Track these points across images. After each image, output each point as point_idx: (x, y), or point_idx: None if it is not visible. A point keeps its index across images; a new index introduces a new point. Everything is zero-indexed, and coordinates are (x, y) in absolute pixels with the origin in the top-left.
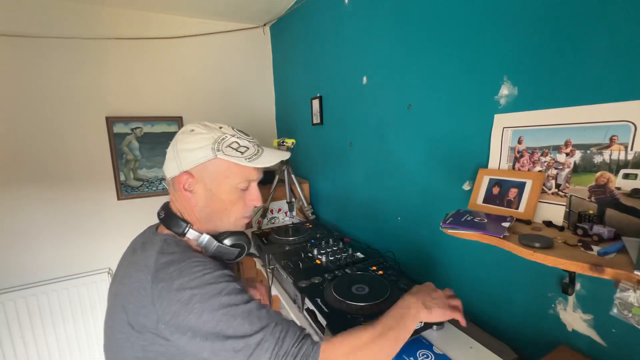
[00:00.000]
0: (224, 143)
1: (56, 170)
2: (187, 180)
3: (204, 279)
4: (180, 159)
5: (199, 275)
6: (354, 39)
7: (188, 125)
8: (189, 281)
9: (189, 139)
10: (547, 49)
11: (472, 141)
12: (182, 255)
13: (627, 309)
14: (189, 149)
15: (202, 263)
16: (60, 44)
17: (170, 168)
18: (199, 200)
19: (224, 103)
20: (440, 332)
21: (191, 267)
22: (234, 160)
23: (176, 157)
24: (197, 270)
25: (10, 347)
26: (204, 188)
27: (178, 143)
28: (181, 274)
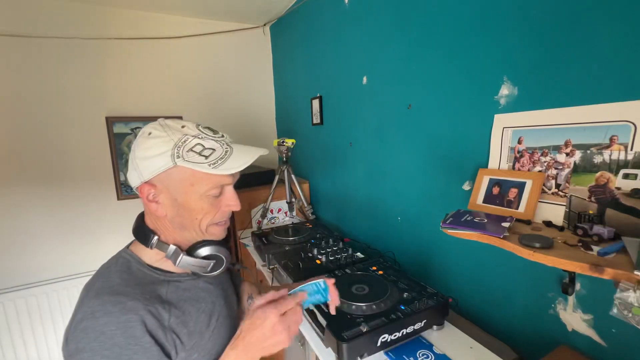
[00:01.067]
0: (184, 147)
1: (56, 170)
2: (150, 190)
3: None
4: (140, 168)
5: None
6: (354, 39)
7: (147, 127)
8: (87, 340)
9: (146, 144)
10: (547, 49)
11: (472, 141)
12: (115, 282)
13: (627, 309)
14: (146, 157)
15: (111, 313)
16: (60, 44)
17: (131, 177)
18: (166, 210)
19: (224, 103)
20: (440, 332)
21: (101, 314)
22: (196, 168)
23: (134, 165)
24: (100, 324)
25: (10, 347)
26: (169, 198)
27: (136, 149)
28: (92, 316)
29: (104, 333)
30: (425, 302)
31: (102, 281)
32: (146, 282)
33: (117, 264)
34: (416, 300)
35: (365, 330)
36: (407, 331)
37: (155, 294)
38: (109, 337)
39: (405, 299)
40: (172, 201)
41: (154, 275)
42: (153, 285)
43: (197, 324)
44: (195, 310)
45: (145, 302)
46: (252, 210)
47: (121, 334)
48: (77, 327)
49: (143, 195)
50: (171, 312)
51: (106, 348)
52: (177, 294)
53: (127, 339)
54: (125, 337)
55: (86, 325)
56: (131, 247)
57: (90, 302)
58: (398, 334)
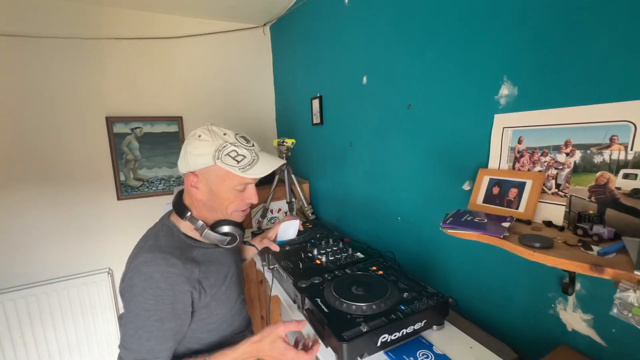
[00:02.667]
0: (223, 152)
1: (56, 170)
2: (193, 179)
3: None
4: (188, 161)
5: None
6: (354, 39)
7: (197, 130)
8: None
9: (195, 144)
10: (547, 49)
11: (472, 141)
12: (164, 242)
13: (627, 309)
14: (195, 154)
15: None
16: (60, 44)
17: (181, 166)
18: (202, 195)
19: (224, 103)
20: (440, 332)
21: (152, 264)
22: (230, 170)
23: (185, 158)
24: (151, 271)
25: (10, 347)
26: (206, 186)
27: (188, 146)
28: (145, 265)
29: (152, 277)
30: (425, 302)
31: (153, 240)
32: (183, 246)
33: (162, 229)
34: (416, 300)
35: (365, 330)
36: (407, 331)
37: (190, 255)
38: (155, 281)
39: (405, 299)
40: (208, 189)
41: (188, 241)
42: (188, 249)
43: (217, 279)
44: (215, 269)
45: (183, 260)
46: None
47: (164, 280)
48: (134, 270)
49: (188, 181)
50: (200, 268)
51: (151, 287)
52: (204, 257)
53: (167, 284)
54: (166, 283)
55: (140, 269)
56: (171, 217)
57: (145, 254)
58: (398, 334)
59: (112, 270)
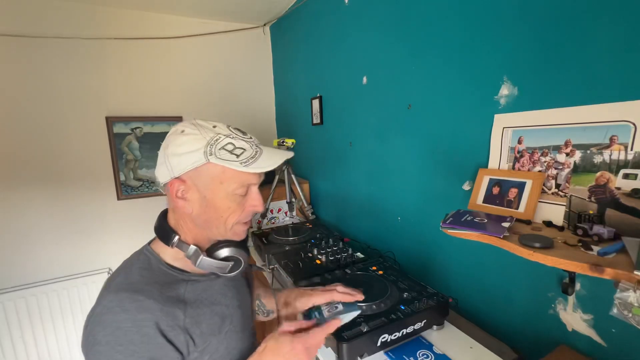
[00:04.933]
0: (217, 145)
1: (56, 170)
2: (179, 186)
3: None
4: (171, 164)
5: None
6: (354, 39)
7: (179, 125)
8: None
9: (179, 141)
10: (547, 49)
11: (472, 141)
12: (136, 279)
13: (627, 309)
14: (179, 153)
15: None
16: (60, 44)
17: (161, 173)
18: (193, 207)
19: (224, 103)
20: (440, 332)
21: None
22: (228, 165)
23: (166, 161)
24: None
25: (10, 347)
26: (197, 195)
27: (169, 146)
28: (108, 311)
29: (120, 328)
30: (425, 302)
31: (123, 276)
32: (165, 281)
33: (138, 260)
34: (416, 300)
35: (365, 330)
36: (407, 331)
37: (173, 293)
38: (124, 333)
39: (405, 299)
40: (201, 198)
41: (173, 274)
42: (171, 285)
43: (210, 325)
44: (210, 311)
45: (162, 302)
46: None
47: (136, 332)
48: (96, 320)
49: (172, 191)
50: (186, 311)
51: (120, 343)
52: (194, 294)
53: (142, 337)
54: (140, 335)
55: (104, 319)
56: (152, 245)
57: (110, 296)
58: (398, 334)
59: (112, 270)
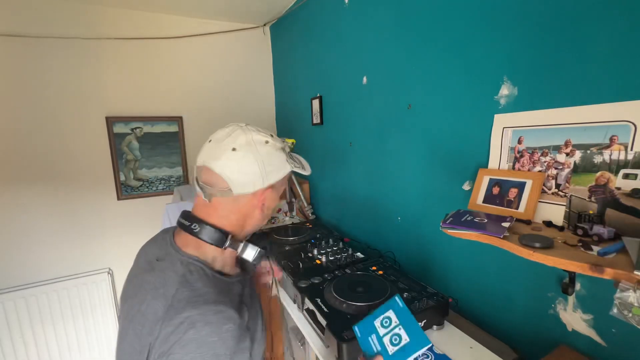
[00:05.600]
0: (288, 153)
1: (56, 170)
2: (269, 195)
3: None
4: (268, 174)
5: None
6: (354, 39)
7: (253, 134)
8: (195, 346)
9: (268, 149)
10: (547, 49)
11: (472, 141)
12: (203, 291)
13: (627, 309)
14: (275, 164)
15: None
16: (60, 44)
17: (249, 184)
18: (263, 211)
19: (224, 103)
20: (440, 332)
21: (205, 324)
22: (299, 171)
23: (263, 170)
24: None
25: (10, 347)
26: (272, 200)
27: (264, 157)
28: (193, 326)
29: (207, 343)
30: (425, 302)
31: (189, 290)
32: (225, 288)
33: (191, 272)
34: (416, 300)
35: None
36: None
37: (238, 298)
38: (211, 348)
39: (405, 299)
40: (271, 202)
41: (224, 279)
42: (229, 289)
43: (257, 323)
44: (254, 310)
45: (235, 308)
46: None
47: (221, 345)
48: (174, 340)
49: (259, 200)
50: (247, 311)
51: (206, 358)
52: (247, 293)
53: (226, 350)
54: (225, 348)
55: (184, 338)
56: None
57: (186, 313)
58: None
59: (112, 270)
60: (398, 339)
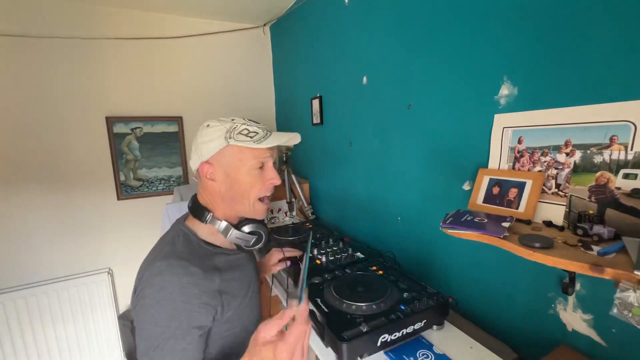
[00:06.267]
0: (234, 131)
1: (56, 170)
2: (208, 169)
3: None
4: (200, 151)
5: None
6: (354, 39)
7: (205, 122)
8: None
9: (205, 132)
10: (547, 49)
11: (472, 141)
12: (180, 249)
13: (627, 309)
14: (205, 141)
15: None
16: (60, 44)
17: (193, 161)
18: (221, 186)
19: (224, 103)
20: (440, 332)
21: (167, 273)
22: (244, 144)
23: (197, 150)
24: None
25: (10, 347)
26: (223, 174)
27: (198, 138)
28: (159, 273)
29: (165, 288)
30: (425, 302)
31: (169, 248)
32: (203, 254)
33: (179, 236)
34: (416, 300)
35: (365, 330)
36: (407, 331)
37: (210, 263)
38: (169, 292)
39: (405, 299)
40: (225, 176)
41: (208, 248)
42: (208, 256)
43: (240, 288)
44: (238, 277)
45: (202, 269)
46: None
47: (180, 293)
48: (146, 281)
49: (202, 173)
50: (221, 276)
51: (165, 299)
52: (226, 263)
53: (183, 297)
54: (182, 296)
55: (153, 280)
56: (187, 222)
57: (159, 262)
58: (398, 334)
59: (112, 270)
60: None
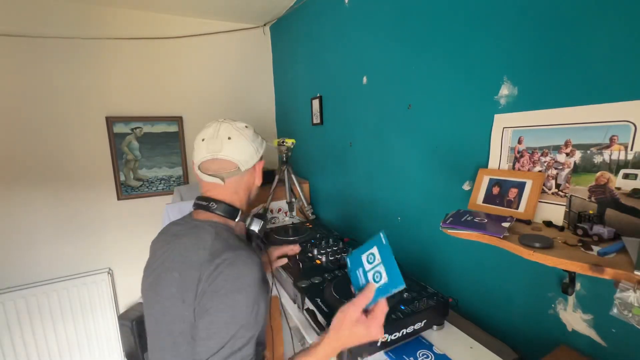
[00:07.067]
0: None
1: (56, 170)
2: (258, 167)
3: (244, 282)
4: (258, 149)
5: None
6: (354, 39)
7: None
8: (234, 279)
9: (249, 132)
10: (547, 48)
11: (472, 141)
12: (234, 243)
13: (627, 309)
14: (259, 141)
15: (250, 259)
16: (60, 44)
17: (245, 160)
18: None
19: (224, 103)
20: (440, 332)
21: (241, 262)
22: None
23: (253, 143)
24: (245, 268)
25: (10, 347)
26: (261, 169)
27: (245, 137)
28: (232, 264)
29: (243, 276)
30: (425, 302)
31: (223, 242)
32: (245, 244)
33: (221, 231)
34: (416, 300)
35: None
36: (407, 331)
37: None
38: (245, 280)
39: (405, 299)
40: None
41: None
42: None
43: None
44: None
45: (258, 256)
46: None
47: (252, 279)
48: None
49: (259, 169)
50: None
51: (242, 287)
52: None
53: (256, 283)
54: (255, 282)
55: (229, 272)
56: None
57: (228, 253)
58: (398, 334)
59: (112, 270)
60: (379, 277)
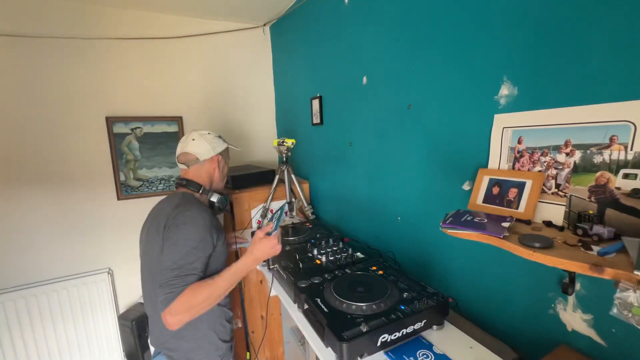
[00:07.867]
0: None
1: (56, 171)
2: (220, 160)
3: (195, 220)
4: (214, 147)
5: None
6: (354, 39)
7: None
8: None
9: (210, 137)
10: (547, 48)
11: (472, 141)
12: (194, 203)
13: (627, 309)
14: (215, 141)
15: (202, 210)
16: (60, 44)
17: (204, 150)
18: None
19: (224, 103)
20: (440, 332)
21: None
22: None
23: (211, 143)
24: (196, 213)
25: (10, 347)
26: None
27: (205, 137)
28: (188, 210)
29: (196, 218)
30: (425, 302)
31: (185, 202)
32: (204, 206)
33: (187, 195)
34: (416, 300)
35: (365, 330)
36: (407, 331)
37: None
38: (197, 221)
39: (405, 299)
40: (222, 167)
41: (204, 203)
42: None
43: (221, 232)
44: (220, 223)
45: (210, 213)
46: (252, 210)
47: (203, 221)
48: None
49: (215, 162)
50: (216, 219)
51: (195, 223)
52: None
53: (206, 224)
54: (205, 223)
55: (185, 214)
56: (184, 191)
57: (183, 207)
58: (398, 333)
59: (112, 270)
60: (277, 219)
